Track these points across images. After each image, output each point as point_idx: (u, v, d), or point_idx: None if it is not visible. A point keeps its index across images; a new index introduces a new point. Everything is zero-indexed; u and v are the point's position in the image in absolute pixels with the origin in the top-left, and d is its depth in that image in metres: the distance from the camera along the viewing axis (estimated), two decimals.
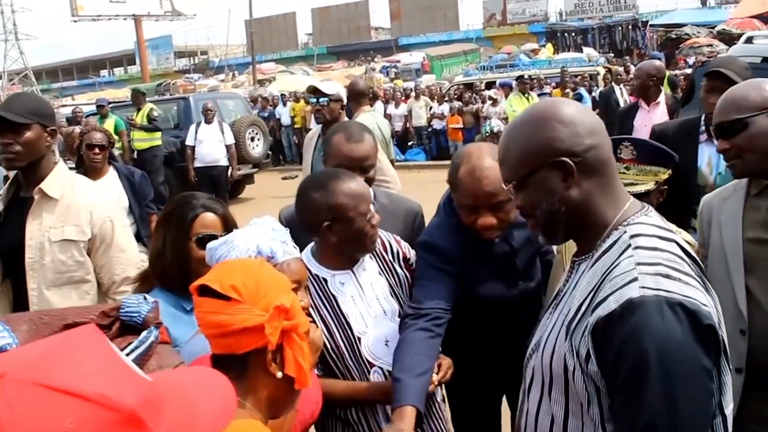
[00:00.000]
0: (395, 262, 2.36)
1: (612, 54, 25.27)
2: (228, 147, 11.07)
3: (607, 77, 14.65)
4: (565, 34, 31.21)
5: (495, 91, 15.82)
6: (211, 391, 0.94)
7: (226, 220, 2.16)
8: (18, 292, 2.80)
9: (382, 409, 2.19)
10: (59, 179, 2.79)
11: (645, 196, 2.29)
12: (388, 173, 3.94)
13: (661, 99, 5.49)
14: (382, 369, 2.19)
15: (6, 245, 2.78)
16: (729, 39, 19.85)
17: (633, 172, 2.36)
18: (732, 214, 2.26)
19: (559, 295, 1.54)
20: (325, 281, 2.20)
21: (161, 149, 11.79)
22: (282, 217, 2.65)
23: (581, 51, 24.21)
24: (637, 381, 1.23)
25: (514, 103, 13.22)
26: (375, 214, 2.21)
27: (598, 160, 1.42)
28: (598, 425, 1.34)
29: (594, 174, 1.42)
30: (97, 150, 4.91)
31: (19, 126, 2.65)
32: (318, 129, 4.61)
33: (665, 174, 2.43)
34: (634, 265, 1.30)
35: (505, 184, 1.51)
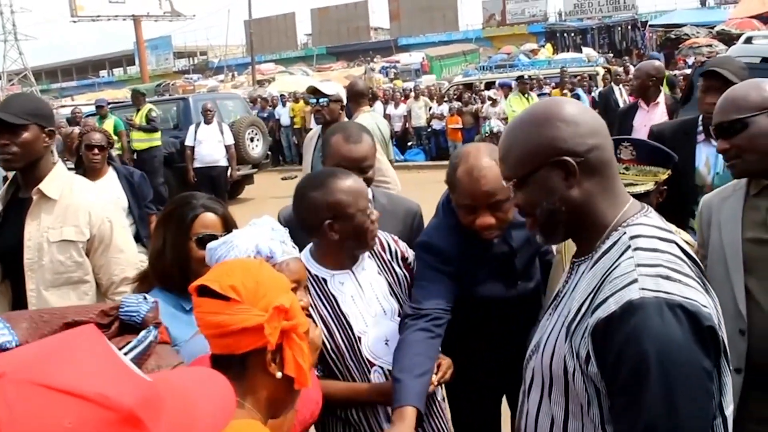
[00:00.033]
0: (393, 261, 2.36)
1: (611, 54, 25.27)
2: (227, 147, 11.08)
3: (607, 77, 14.65)
4: (565, 35, 31.20)
5: (494, 92, 15.82)
6: (211, 391, 0.94)
7: (226, 220, 2.16)
8: (17, 293, 2.79)
9: (382, 409, 2.19)
10: (58, 180, 2.79)
11: (644, 196, 2.29)
12: (387, 174, 3.94)
13: (660, 99, 5.49)
14: (382, 368, 2.19)
15: (5, 246, 2.77)
16: (728, 39, 19.87)
17: (632, 173, 2.36)
18: (731, 214, 2.26)
19: (559, 296, 1.54)
20: (324, 281, 2.19)
21: (160, 150, 11.78)
22: (281, 218, 2.65)
23: (580, 51, 24.21)
24: (637, 383, 1.23)
25: (514, 104, 13.22)
26: (373, 209, 2.22)
27: (599, 161, 1.41)
28: (598, 426, 1.34)
29: (595, 174, 1.41)
30: (96, 150, 4.91)
31: (17, 127, 2.65)
32: (318, 129, 4.61)
33: (665, 174, 2.43)
34: (633, 267, 1.30)
35: (505, 182, 1.50)
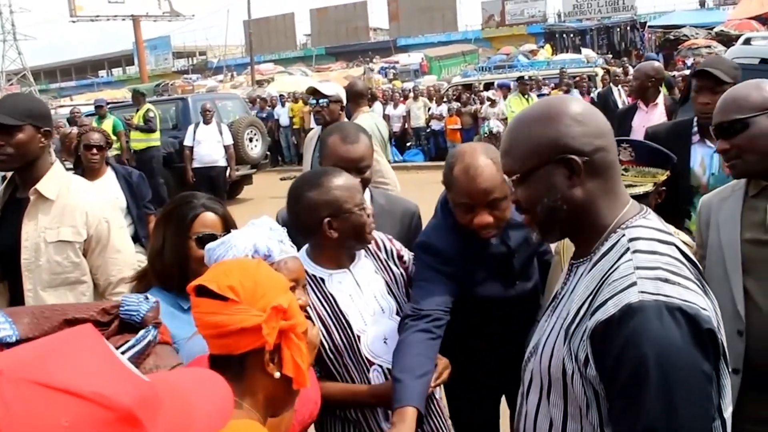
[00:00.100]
0: (390, 260, 2.36)
1: (610, 55, 25.24)
2: (226, 148, 11.09)
3: (606, 78, 14.66)
4: (564, 35, 31.16)
5: (493, 92, 15.82)
6: (209, 391, 0.94)
7: (226, 220, 2.17)
8: (14, 293, 2.79)
9: (381, 408, 2.19)
10: (55, 180, 2.78)
11: (643, 197, 2.29)
12: (387, 175, 3.94)
13: (659, 100, 5.48)
14: (381, 367, 2.18)
15: (2, 246, 2.77)
16: (727, 40, 19.89)
17: (631, 174, 2.36)
18: (730, 214, 2.26)
19: (557, 297, 1.54)
20: (322, 281, 2.19)
21: (159, 150, 11.80)
22: (279, 218, 2.65)
23: (579, 52, 24.17)
24: (636, 386, 1.22)
25: (513, 104, 13.25)
26: (369, 204, 2.23)
27: (604, 162, 1.41)
28: (597, 429, 1.33)
29: (599, 175, 1.41)
30: (95, 150, 4.91)
31: (11, 128, 2.64)
32: (318, 129, 4.61)
33: (663, 175, 2.43)
34: (632, 270, 1.30)
35: (507, 176, 1.49)
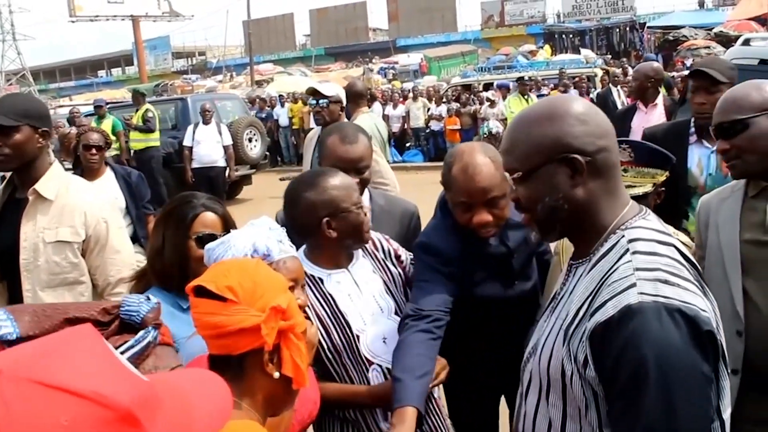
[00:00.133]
0: (387, 259, 2.36)
1: (609, 56, 25.24)
2: (225, 148, 11.10)
3: (605, 79, 14.67)
4: (563, 36, 31.16)
5: (492, 93, 15.83)
6: (208, 391, 0.94)
7: (226, 220, 2.17)
8: (13, 293, 2.78)
9: (380, 408, 2.18)
10: (54, 180, 2.77)
11: (643, 198, 2.29)
12: (386, 176, 3.93)
13: (658, 101, 5.48)
14: (380, 367, 2.18)
15: (1, 246, 2.76)
16: (726, 41, 19.89)
17: (631, 174, 2.36)
18: (730, 215, 2.26)
19: (556, 298, 1.53)
20: (321, 281, 2.19)
21: (159, 150, 11.80)
22: (279, 218, 2.64)
23: (579, 53, 24.15)
24: (635, 387, 1.22)
25: (513, 105, 13.26)
26: (365, 203, 2.24)
27: (606, 163, 1.41)
28: (596, 430, 1.33)
29: (601, 176, 1.41)
30: (94, 151, 4.92)
31: (8, 128, 2.63)
32: (318, 130, 4.61)
33: (663, 176, 2.43)
34: (632, 271, 1.29)
35: (508, 174, 1.48)
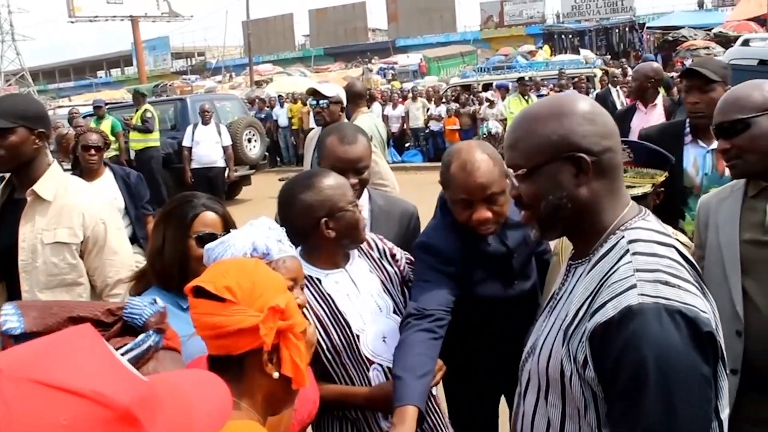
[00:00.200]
0: (383, 259, 2.36)
1: (609, 56, 25.25)
2: (225, 148, 11.10)
3: (604, 79, 14.67)
4: (562, 36, 31.16)
5: (492, 93, 15.84)
6: (208, 392, 0.94)
7: (226, 220, 2.17)
8: (12, 294, 2.77)
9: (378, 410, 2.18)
10: (52, 181, 2.76)
11: (642, 198, 2.29)
12: (386, 177, 3.93)
13: (658, 101, 5.48)
14: (381, 366, 2.17)
15: (0, 246, 2.76)
16: (726, 41, 19.90)
17: (630, 175, 2.36)
18: (729, 215, 2.26)
19: (555, 297, 1.53)
20: (319, 281, 2.19)
21: (158, 150, 11.81)
22: (278, 219, 2.65)
23: (578, 53, 24.14)
24: (635, 388, 1.22)
25: (512, 105, 13.27)
26: (360, 202, 2.26)
27: (611, 164, 1.41)
28: (595, 430, 1.33)
29: (605, 176, 1.41)
30: (92, 151, 4.92)
31: (3, 130, 2.62)
32: (318, 130, 4.61)
33: (662, 176, 2.43)
34: (632, 272, 1.29)
35: (512, 170, 1.47)
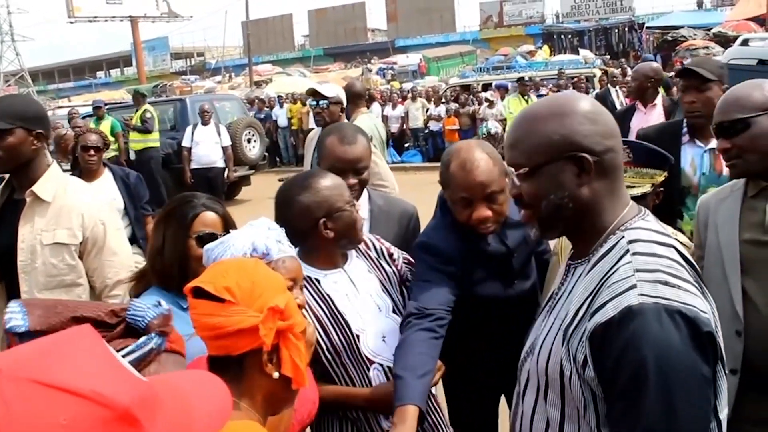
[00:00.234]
0: (381, 258, 2.36)
1: (608, 56, 25.25)
2: (224, 149, 11.10)
3: (603, 79, 14.67)
4: (562, 36, 31.15)
5: (491, 93, 15.84)
6: (208, 392, 0.94)
7: (226, 220, 2.17)
8: (12, 294, 2.77)
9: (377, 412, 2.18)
10: (52, 181, 2.76)
11: (641, 199, 2.29)
12: (386, 178, 3.93)
13: (657, 101, 5.48)
14: (381, 365, 2.17)
15: (0, 247, 2.76)
16: (725, 41, 19.91)
17: (629, 175, 2.36)
18: (729, 215, 2.26)
19: (554, 297, 1.54)
20: (317, 281, 2.18)
21: (158, 151, 11.82)
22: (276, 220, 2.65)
23: (577, 53, 24.15)
24: (635, 388, 1.23)
25: (512, 105, 13.27)
26: (357, 202, 2.27)
27: (612, 164, 1.41)
28: (594, 430, 1.33)
29: (606, 176, 1.41)
30: (92, 152, 4.91)
31: (1, 131, 2.61)
32: (319, 130, 4.62)
33: (661, 176, 2.44)
34: (632, 272, 1.29)
35: (514, 169, 1.46)
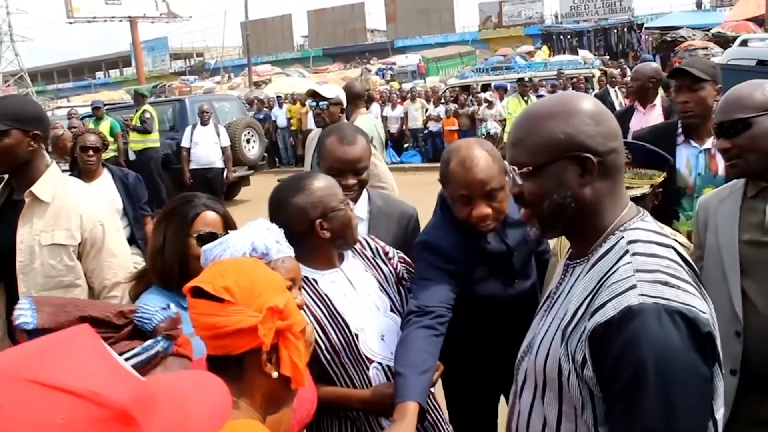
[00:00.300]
0: (377, 257, 2.36)
1: (607, 56, 25.26)
2: (223, 149, 11.11)
3: (602, 80, 14.67)
4: (561, 37, 31.16)
5: (490, 94, 15.85)
6: (206, 392, 0.94)
7: (227, 220, 2.18)
8: (11, 295, 2.77)
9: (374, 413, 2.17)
10: (51, 182, 2.75)
11: (640, 199, 2.28)
12: (385, 179, 3.93)
13: (657, 101, 5.48)
14: (381, 365, 2.17)
15: None
16: (724, 42, 19.90)
17: (628, 176, 2.35)
18: (728, 216, 2.26)
19: (552, 297, 1.54)
20: (315, 281, 2.18)
21: (158, 151, 11.82)
22: None
23: (577, 53, 24.16)
24: (635, 388, 1.23)
25: (511, 106, 13.26)
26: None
27: (614, 165, 1.42)
28: (591, 429, 1.33)
29: (608, 177, 1.42)
30: (91, 152, 4.91)
31: None
32: (319, 131, 4.61)
33: (660, 177, 2.43)
34: (632, 272, 1.30)
35: (516, 168, 1.46)
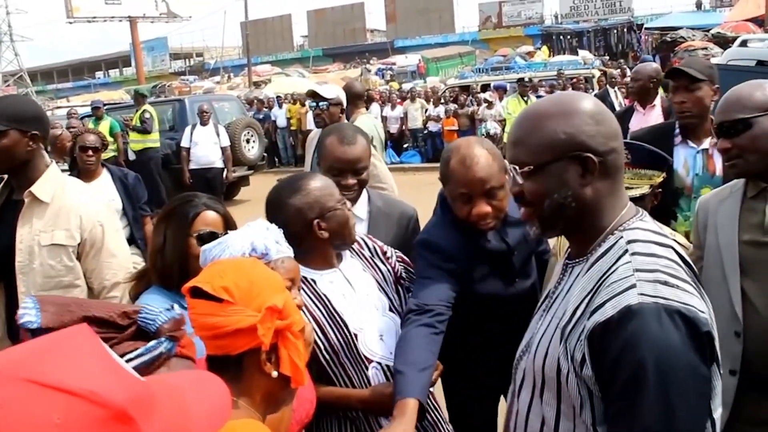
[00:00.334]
0: (375, 257, 2.36)
1: (607, 57, 25.27)
2: (223, 149, 11.10)
3: (602, 80, 14.67)
4: (561, 37, 31.15)
5: (490, 94, 15.85)
6: (206, 392, 0.94)
7: (227, 220, 2.18)
8: (10, 295, 2.77)
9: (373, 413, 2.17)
10: (50, 182, 2.75)
11: (640, 200, 2.29)
12: (385, 180, 3.93)
13: (657, 102, 5.49)
14: (380, 364, 2.17)
15: None
16: (724, 42, 19.88)
17: (628, 176, 2.36)
18: (728, 216, 2.26)
19: (551, 297, 1.54)
20: (314, 282, 2.18)
21: (158, 151, 11.83)
22: None
23: (576, 54, 24.15)
24: (634, 388, 1.23)
25: (511, 106, 13.27)
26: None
27: (614, 165, 1.42)
28: (590, 428, 1.34)
29: (608, 177, 1.42)
30: (90, 152, 4.91)
31: None
32: (319, 131, 4.61)
33: (660, 177, 2.44)
34: (632, 272, 1.30)
35: (518, 167, 1.46)
